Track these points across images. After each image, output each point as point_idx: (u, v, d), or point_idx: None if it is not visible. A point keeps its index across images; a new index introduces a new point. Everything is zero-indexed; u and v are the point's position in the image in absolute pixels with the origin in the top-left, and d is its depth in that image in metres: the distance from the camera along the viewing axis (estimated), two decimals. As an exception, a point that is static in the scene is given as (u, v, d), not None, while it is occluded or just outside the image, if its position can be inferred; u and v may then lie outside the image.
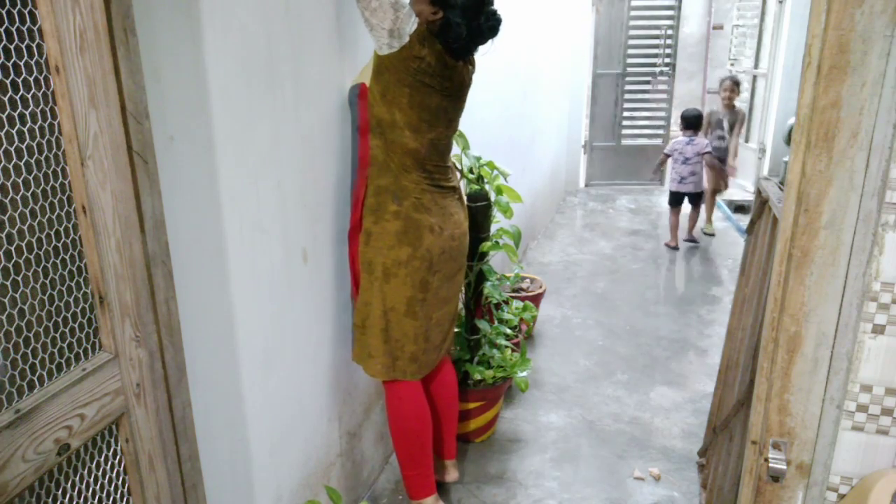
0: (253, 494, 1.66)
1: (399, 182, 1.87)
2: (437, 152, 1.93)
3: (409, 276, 1.90)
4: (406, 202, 1.87)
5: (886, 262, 0.96)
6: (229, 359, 1.53)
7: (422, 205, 1.89)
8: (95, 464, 1.06)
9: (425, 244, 1.89)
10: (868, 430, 1.03)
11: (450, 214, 1.97)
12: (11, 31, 0.87)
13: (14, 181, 0.91)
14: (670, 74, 6.94)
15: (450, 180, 2.01)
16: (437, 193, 1.94)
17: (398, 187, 1.87)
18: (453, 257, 2.01)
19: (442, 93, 1.85)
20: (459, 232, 2.02)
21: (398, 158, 1.86)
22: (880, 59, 0.88)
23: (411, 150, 1.85)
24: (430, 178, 1.92)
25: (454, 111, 1.95)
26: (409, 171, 1.87)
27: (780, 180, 2.05)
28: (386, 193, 1.87)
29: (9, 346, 0.92)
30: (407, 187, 1.87)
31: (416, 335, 1.97)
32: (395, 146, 1.84)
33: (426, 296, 1.96)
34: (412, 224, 1.88)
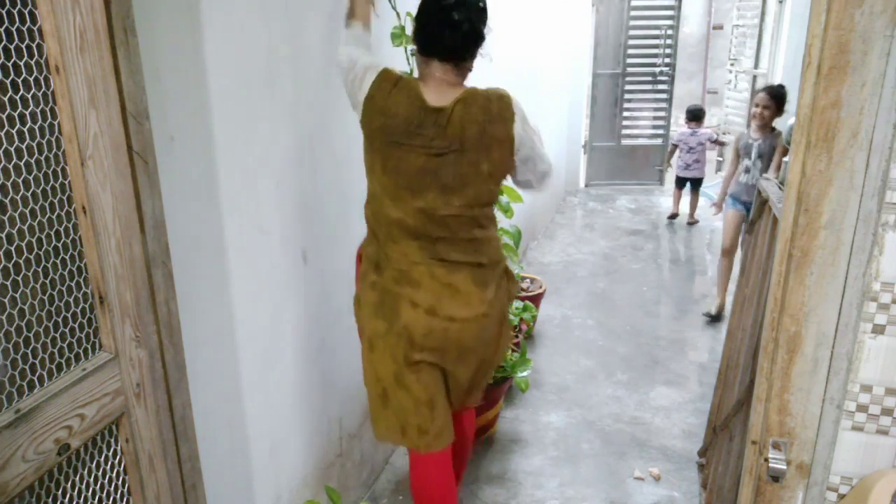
0: (253, 494, 1.66)
1: (383, 250, 1.67)
2: (436, 223, 1.61)
3: (387, 349, 1.68)
4: (386, 273, 1.66)
5: (886, 262, 0.96)
6: (229, 359, 1.53)
7: (406, 278, 1.64)
8: (95, 464, 1.06)
9: (402, 320, 1.64)
10: (868, 430, 1.03)
11: (454, 293, 1.64)
12: (11, 31, 0.87)
13: (14, 181, 0.91)
14: (670, 74, 6.94)
15: (466, 254, 1.66)
16: (439, 267, 1.64)
17: (381, 256, 1.68)
18: (454, 342, 1.68)
19: (426, 152, 1.55)
20: (466, 315, 1.65)
21: (384, 228, 1.65)
22: (880, 59, 0.88)
23: (395, 220, 1.62)
24: (430, 250, 1.64)
25: (452, 174, 1.57)
26: (395, 241, 1.64)
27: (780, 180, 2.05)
28: (368, 262, 1.72)
29: (9, 346, 0.92)
30: (391, 257, 1.65)
31: (417, 405, 1.72)
32: (380, 215, 1.65)
33: (417, 372, 1.70)
34: (388, 297, 1.66)
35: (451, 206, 1.59)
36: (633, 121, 7.19)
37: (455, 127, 1.54)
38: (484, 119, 1.56)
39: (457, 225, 1.63)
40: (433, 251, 1.63)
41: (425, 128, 1.54)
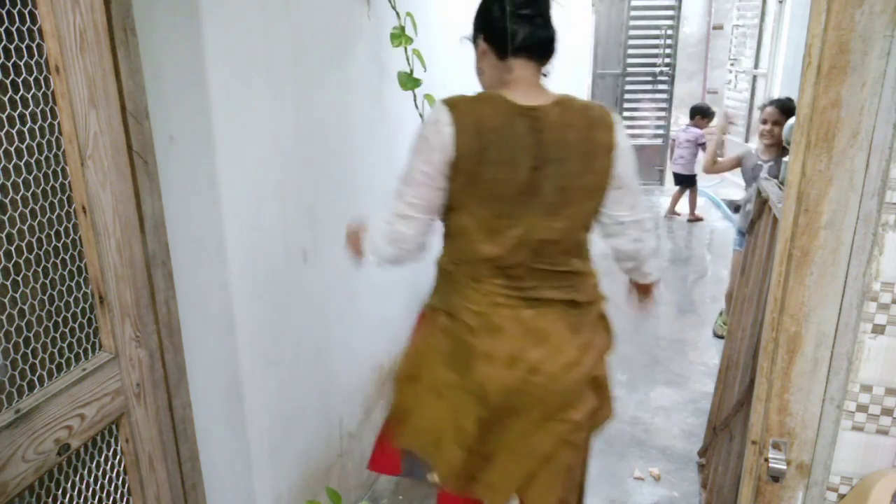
0: (253, 494, 1.66)
1: (460, 295, 1.40)
2: (532, 252, 1.36)
3: (457, 403, 1.43)
4: (461, 319, 1.39)
5: (886, 262, 0.95)
6: (229, 359, 1.53)
7: (486, 324, 1.37)
8: (95, 464, 1.06)
9: (476, 377, 1.38)
10: (868, 430, 1.03)
11: (541, 340, 1.37)
12: (11, 31, 0.87)
13: (14, 181, 0.91)
14: (670, 74, 6.94)
15: (561, 290, 1.41)
16: (527, 308, 1.38)
17: (456, 302, 1.41)
18: (536, 400, 1.40)
19: (525, 165, 1.29)
20: (553, 368, 1.38)
21: (469, 268, 1.39)
22: (880, 59, 0.88)
23: (486, 257, 1.35)
24: (519, 288, 1.38)
25: (553, 189, 1.33)
26: (479, 281, 1.38)
27: (780, 180, 2.05)
28: (439, 309, 1.46)
29: (9, 346, 0.92)
30: (470, 300, 1.39)
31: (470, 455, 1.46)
32: (468, 254, 1.38)
33: (486, 433, 1.44)
34: (462, 347, 1.39)
35: (551, 230, 1.36)
36: (634, 121, 7.19)
37: (554, 131, 1.31)
38: (586, 123, 1.34)
39: (555, 254, 1.39)
40: (522, 289, 1.38)
41: (521, 135, 1.29)
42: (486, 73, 1.43)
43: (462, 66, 3.09)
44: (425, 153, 1.30)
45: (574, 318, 1.42)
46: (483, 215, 1.33)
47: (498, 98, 1.32)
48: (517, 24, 1.33)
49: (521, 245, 1.35)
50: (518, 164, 1.29)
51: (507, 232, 1.34)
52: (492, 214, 1.33)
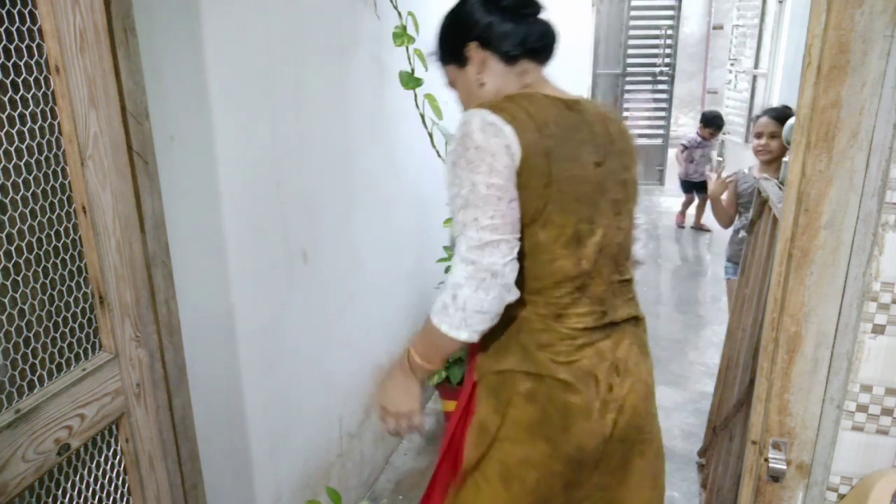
0: (253, 494, 1.66)
1: (540, 339, 1.18)
2: (608, 260, 1.21)
3: (541, 481, 1.21)
4: (550, 371, 1.17)
5: (886, 262, 0.95)
6: (229, 359, 1.53)
7: (577, 372, 1.18)
8: (95, 464, 1.06)
9: (575, 439, 1.19)
10: (868, 430, 1.03)
11: (625, 372, 1.23)
12: (11, 31, 0.87)
13: (14, 181, 0.91)
14: (670, 74, 6.94)
15: (629, 304, 1.27)
16: (603, 338, 1.21)
17: (534, 351, 1.18)
18: (626, 440, 1.25)
19: (591, 160, 1.17)
20: (640, 397, 1.26)
21: (545, 303, 1.18)
22: (880, 59, 0.88)
23: (569, 273, 1.16)
24: (597, 311, 1.20)
25: (615, 183, 1.21)
26: (562, 317, 1.18)
27: (780, 180, 2.05)
28: (512, 367, 1.20)
29: (9, 346, 0.92)
30: (552, 345, 1.18)
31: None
32: (547, 276, 1.16)
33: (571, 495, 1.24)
34: (556, 408, 1.18)
35: (620, 231, 1.23)
36: (633, 121, 7.19)
37: (600, 124, 1.21)
38: (613, 117, 1.26)
39: (623, 259, 1.25)
40: (603, 314, 1.21)
41: (577, 127, 1.17)
42: (488, 84, 1.23)
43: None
44: (486, 163, 1.08)
45: (640, 338, 1.30)
46: (565, 223, 1.14)
47: (535, 94, 1.17)
48: (525, 21, 1.22)
49: (603, 254, 1.19)
50: (584, 158, 1.16)
51: (588, 240, 1.17)
52: (576, 219, 1.15)
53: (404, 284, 2.63)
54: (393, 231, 2.45)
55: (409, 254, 2.65)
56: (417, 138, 2.41)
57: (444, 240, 2.75)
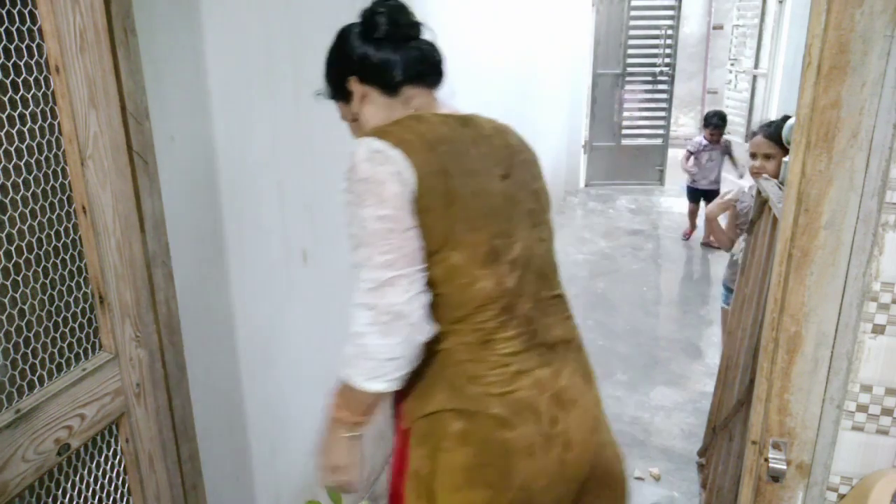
0: (253, 494, 1.66)
1: (470, 370, 1.08)
2: (533, 275, 1.14)
3: None
4: (483, 409, 1.07)
5: (886, 262, 0.95)
6: (229, 359, 1.53)
7: (514, 406, 1.07)
8: (95, 464, 1.06)
9: (518, 480, 1.08)
10: (868, 430, 1.03)
11: (570, 403, 1.13)
12: (11, 31, 0.87)
13: (14, 181, 0.91)
14: (670, 74, 6.94)
15: (564, 325, 1.19)
16: (541, 366, 1.11)
17: (463, 387, 1.08)
18: (577, 480, 1.15)
19: (498, 172, 1.13)
20: (586, 429, 1.16)
21: (471, 329, 1.08)
22: (880, 59, 0.88)
23: (490, 293, 1.08)
24: (531, 333, 1.12)
25: (526, 193, 1.17)
26: (489, 343, 1.08)
27: (780, 180, 2.05)
28: (440, 408, 1.09)
29: (9, 346, 0.92)
30: (485, 375, 1.07)
31: None
32: (469, 299, 1.07)
33: None
34: (493, 449, 1.07)
35: (541, 243, 1.16)
36: (633, 121, 7.19)
37: (497, 136, 1.18)
38: (507, 129, 1.22)
39: (550, 272, 1.18)
40: (535, 334, 1.12)
41: (474, 142, 1.13)
42: (374, 116, 1.18)
43: (462, 66, 3.09)
44: (373, 194, 1.01)
45: (584, 366, 1.20)
46: (477, 241, 1.06)
47: (424, 114, 1.13)
48: (401, 48, 1.16)
49: (525, 269, 1.11)
50: (487, 171, 1.11)
51: (506, 255, 1.09)
52: (489, 235, 1.08)
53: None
54: (393, 231, 2.45)
55: (409, 254, 2.65)
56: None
57: (444, 240, 2.75)
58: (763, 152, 2.37)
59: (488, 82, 3.60)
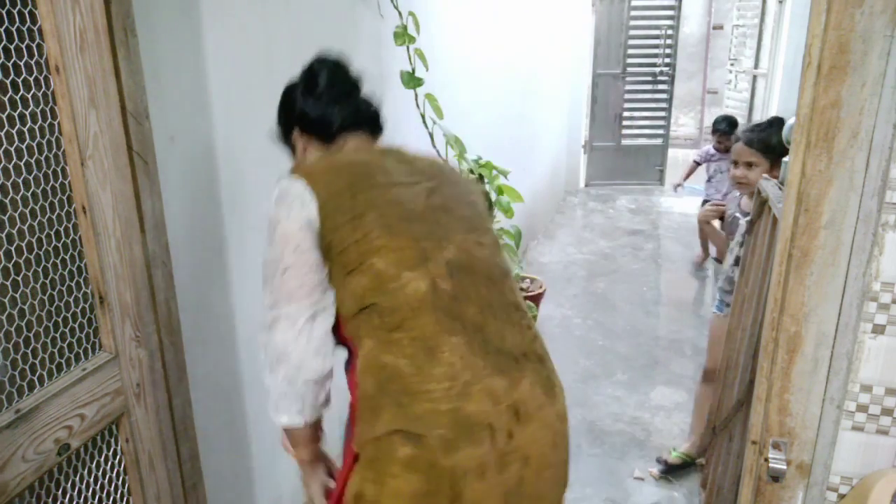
0: (253, 494, 1.66)
1: (415, 386, 1.03)
2: (476, 277, 1.11)
3: None
4: (430, 430, 1.01)
5: (886, 262, 0.95)
6: (229, 359, 1.53)
7: (465, 422, 1.02)
8: (95, 464, 1.06)
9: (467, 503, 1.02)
10: (868, 430, 1.03)
11: (527, 416, 1.07)
12: (11, 31, 0.87)
13: (14, 181, 0.91)
14: (670, 74, 6.94)
15: (521, 332, 1.13)
16: (496, 376, 1.06)
17: (415, 396, 1.03)
18: (540, 498, 1.11)
19: (422, 180, 1.17)
20: (547, 444, 1.11)
21: (410, 338, 1.04)
22: (880, 59, 0.88)
23: (425, 296, 1.05)
24: (477, 339, 1.07)
25: (461, 202, 1.19)
26: (434, 351, 1.03)
27: (780, 180, 2.05)
28: (387, 428, 1.03)
29: (9, 346, 0.92)
30: (432, 390, 1.02)
31: None
32: (401, 302, 1.05)
33: None
34: (442, 477, 1.01)
35: (482, 247, 1.15)
36: (633, 121, 7.19)
37: (424, 161, 1.23)
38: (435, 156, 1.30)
39: (499, 276, 1.15)
40: (480, 339, 1.07)
41: (399, 163, 1.17)
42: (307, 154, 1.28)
43: (462, 66, 3.09)
44: (270, 236, 1.08)
45: (545, 378, 1.13)
46: (401, 244, 1.06)
47: (345, 147, 1.22)
48: (338, 102, 1.22)
49: (466, 272, 1.09)
50: (411, 184, 1.13)
51: (438, 256, 1.08)
52: (413, 238, 1.07)
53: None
54: (393, 231, 2.45)
55: (409, 254, 2.65)
56: (417, 138, 2.41)
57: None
58: (745, 160, 2.17)
59: (488, 82, 3.60)
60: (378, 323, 1.05)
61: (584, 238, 5.60)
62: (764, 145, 2.08)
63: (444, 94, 2.41)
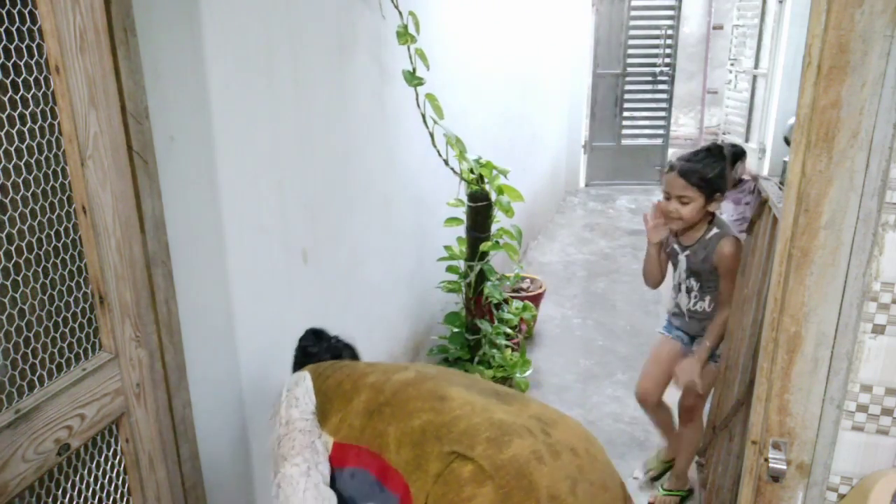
0: (253, 494, 1.66)
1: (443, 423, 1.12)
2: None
3: None
4: (478, 437, 1.08)
5: (886, 262, 0.95)
6: (229, 359, 1.53)
7: (500, 426, 1.09)
8: (95, 464, 1.06)
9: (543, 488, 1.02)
10: (868, 430, 1.03)
11: (553, 421, 1.16)
12: (11, 31, 0.87)
13: (14, 181, 0.91)
14: (670, 74, 6.94)
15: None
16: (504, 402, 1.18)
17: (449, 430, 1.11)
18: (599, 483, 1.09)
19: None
20: (583, 434, 1.17)
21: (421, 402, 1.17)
22: (880, 59, 0.88)
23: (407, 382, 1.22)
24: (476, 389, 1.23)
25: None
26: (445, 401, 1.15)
27: (780, 180, 2.05)
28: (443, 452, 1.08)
29: (9, 346, 0.92)
30: (457, 416, 1.13)
31: None
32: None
33: None
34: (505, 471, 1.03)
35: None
36: (633, 121, 7.19)
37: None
38: None
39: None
40: (480, 390, 1.28)
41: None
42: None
43: (463, 66, 3.09)
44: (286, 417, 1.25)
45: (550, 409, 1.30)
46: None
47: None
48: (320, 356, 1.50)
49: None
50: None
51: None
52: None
53: (404, 284, 2.63)
54: (393, 231, 2.45)
55: (409, 254, 2.65)
56: (418, 138, 2.41)
57: (444, 240, 2.75)
58: (678, 194, 1.94)
59: (489, 82, 3.60)
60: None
61: (584, 238, 5.60)
62: (701, 178, 1.90)
63: (445, 94, 2.40)
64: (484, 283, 2.67)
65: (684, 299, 2.13)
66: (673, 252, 2.11)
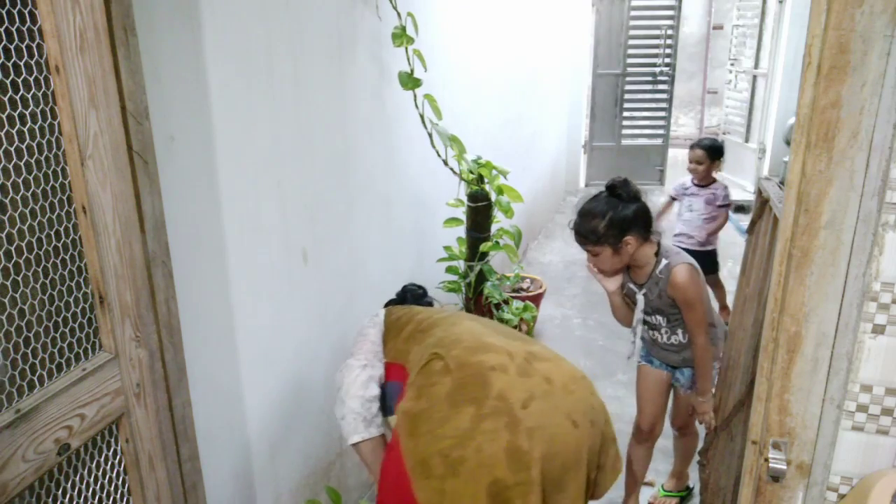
0: (253, 494, 1.66)
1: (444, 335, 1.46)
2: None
3: (484, 444, 1.20)
4: (457, 345, 1.37)
5: (886, 262, 0.95)
6: (229, 359, 1.53)
7: (483, 344, 1.37)
8: (95, 464, 1.06)
9: (494, 389, 1.25)
10: (868, 430, 1.03)
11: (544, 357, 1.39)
12: (11, 31, 0.87)
13: (14, 181, 0.91)
14: (670, 74, 6.94)
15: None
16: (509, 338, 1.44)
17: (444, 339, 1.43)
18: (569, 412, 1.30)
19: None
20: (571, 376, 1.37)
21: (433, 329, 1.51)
22: (880, 59, 0.88)
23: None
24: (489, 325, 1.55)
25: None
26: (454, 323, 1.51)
27: (780, 180, 2.05)
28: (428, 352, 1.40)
29: (9, 346, 0.92)
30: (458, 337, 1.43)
31: None
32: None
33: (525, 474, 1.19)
34: (466, 370, 1.30)
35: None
36: (633, 121, 7.19)
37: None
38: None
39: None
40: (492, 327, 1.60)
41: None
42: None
43: (463, 66, 3.09)
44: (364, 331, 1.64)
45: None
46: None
47: None
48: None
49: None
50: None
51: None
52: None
53: (403, 284, 2.62)
54: (393, 231, 2.45)
55: (409, 254, 2.65)
56: (417, 138, 2.41)
57: (444, 240, 2.75)
58: (587, 250, 1.91)
59: (488, 82, 3.60)
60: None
61: (584, 238, 5.59)
62: (591, 233, 1.86)
63: (444, 95, 2.41)
64: (484, 283, 2.67)
65: (657, 335, 2.09)
66: (630, 292, 2.03)
